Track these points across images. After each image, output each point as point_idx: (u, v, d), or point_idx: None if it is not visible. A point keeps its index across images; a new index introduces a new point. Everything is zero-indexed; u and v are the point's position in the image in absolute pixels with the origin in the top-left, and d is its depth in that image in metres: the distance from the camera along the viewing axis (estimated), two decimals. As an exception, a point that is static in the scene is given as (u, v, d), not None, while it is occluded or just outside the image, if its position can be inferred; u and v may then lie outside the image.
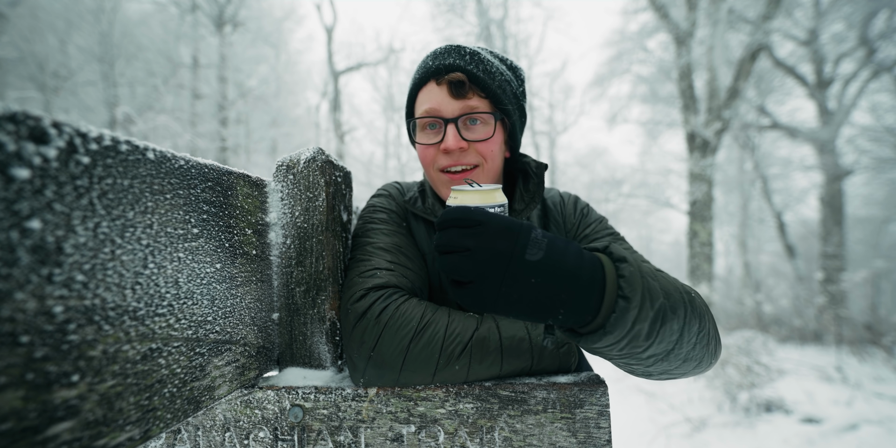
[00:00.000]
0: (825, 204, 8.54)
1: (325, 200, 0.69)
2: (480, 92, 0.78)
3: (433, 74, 0.79)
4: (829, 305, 7.05)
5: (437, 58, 0.79)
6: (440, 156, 0.80)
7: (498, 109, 0.80)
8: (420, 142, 0.82)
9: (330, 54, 13.66)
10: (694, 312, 0.55)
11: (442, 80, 0.78)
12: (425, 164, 0.83)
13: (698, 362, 0.60)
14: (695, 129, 7.79)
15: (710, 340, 0.60)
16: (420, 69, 0.81)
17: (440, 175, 0.81)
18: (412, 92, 0.84)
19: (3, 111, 0.28)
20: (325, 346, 0.68)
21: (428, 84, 0.80)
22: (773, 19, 7.23)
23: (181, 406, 0.46)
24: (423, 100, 0.80)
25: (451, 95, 0.77)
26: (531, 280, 0.45)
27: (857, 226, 13.20)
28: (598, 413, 0.60)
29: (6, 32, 9.73)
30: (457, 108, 0.77)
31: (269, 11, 15.37)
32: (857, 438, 3.24)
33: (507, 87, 0.81)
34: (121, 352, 0.38)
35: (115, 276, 0.37)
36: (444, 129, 0.77)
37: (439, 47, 0.82)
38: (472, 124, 0.79)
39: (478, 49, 0.81)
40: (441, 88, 0.78)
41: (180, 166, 0.47)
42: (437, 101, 0.78)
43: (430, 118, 0.79)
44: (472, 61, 0.78)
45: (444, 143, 0.77)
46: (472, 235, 0.47)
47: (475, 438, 0.61)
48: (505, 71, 0.82)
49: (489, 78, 0.78)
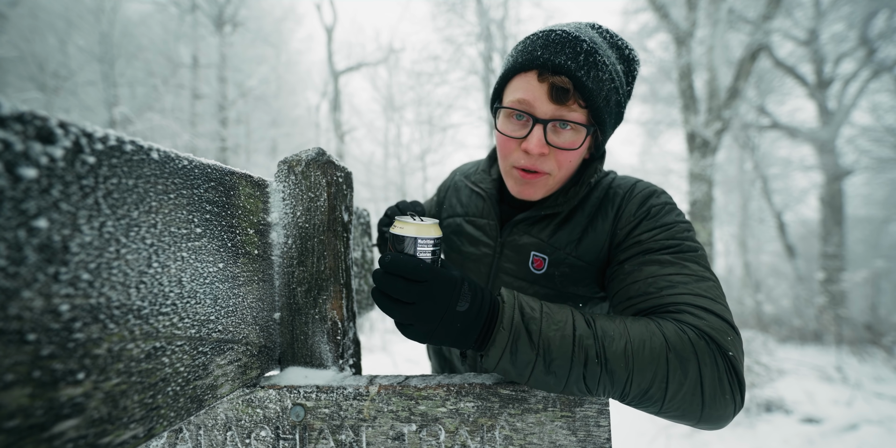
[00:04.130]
0: (825, 204, 8.55)
1: (326, 201, 0.69)
2: (582, 101, 0.70)
3: (538, 67, 0.70)
4: (829, 305, 7.05)
5: (547, 47, 0.70)
6: (519, 152, 0.75)
7: (594, 122, 0.73)
8: (503, 131, 0.76)
9: (330, 54, 13.66)
10: (600, 366, 0.54)
11: (545, 77, 0.70)
12: (502, 153, 0.79)
13: (679, 413, 0.56)
14: (695, 129, 7.79)
15: (674, 394, 0.54)
16: (526, 54, 0.72)
17: (512, 170, 0.78)
18: (508, 74, 0.75)
19: (10, 111, 0.28)
20: (327, 346, 0.68)
21: (528, 73, 0.72)
22: (773, 19, 7.24)
23: (184, 404, 0.46)
24: (518, 87, 0.73)
25: (549, 97, 0.70)
26: (457, 325, 0.55)
27: (857, 226, 13.21)
28: (598, 411, 0.60)
29: (6, 32, 9.73)
30: (551, 111, 0.71)
31: (269, 11, 15.37)
32: (857, 438, 3.24)
33: (613, 95, 0.72)
34: (125, 350, 0.38)
35: (120, 275, 0.38)
36: (532, 128, 0.72)
37: (554, 31, 0.71)
38: (563, 128, 0.73)
39: (596, 44, 0.70)
40: (541, 85, 0.70)
41: (184, 166, 0.47)
42: (532, 96, 0.71)
43: (520, 111, 0.73)
44: (586, 64, 0.68)
45: (527, 142, 0.72)
46: (418, 292, 0.54)
47: (476, 437, 0.61)
48: (618, 71, 0.73)
49: (597, 88, 0.69)
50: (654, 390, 0.54)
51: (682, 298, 0.63)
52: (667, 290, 0.65)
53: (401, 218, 0.63)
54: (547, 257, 0.83)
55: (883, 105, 8.86)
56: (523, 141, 0.74)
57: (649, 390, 0.55)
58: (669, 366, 0.54)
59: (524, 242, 0.85)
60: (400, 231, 0.60)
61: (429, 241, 0.60)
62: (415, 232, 0.59)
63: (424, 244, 0.59)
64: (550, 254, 0.83)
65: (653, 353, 0.54)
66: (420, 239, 0.59)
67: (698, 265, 0.68)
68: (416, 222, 0.61)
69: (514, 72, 0.74)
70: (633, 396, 0.56)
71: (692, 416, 0.56)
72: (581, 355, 0.54)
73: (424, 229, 0.60)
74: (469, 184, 0.99)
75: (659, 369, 0.54)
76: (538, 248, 0.84)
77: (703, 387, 0.55)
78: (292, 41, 17.54)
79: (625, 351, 0.54)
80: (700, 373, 0.55)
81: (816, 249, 9.46)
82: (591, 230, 0.82)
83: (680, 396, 0.54)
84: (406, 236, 0.59)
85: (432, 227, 0.61)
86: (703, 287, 0.64)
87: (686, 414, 0.56)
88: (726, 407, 0.56)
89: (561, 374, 0.54)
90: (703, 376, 0.55)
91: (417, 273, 0.54)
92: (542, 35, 0.72)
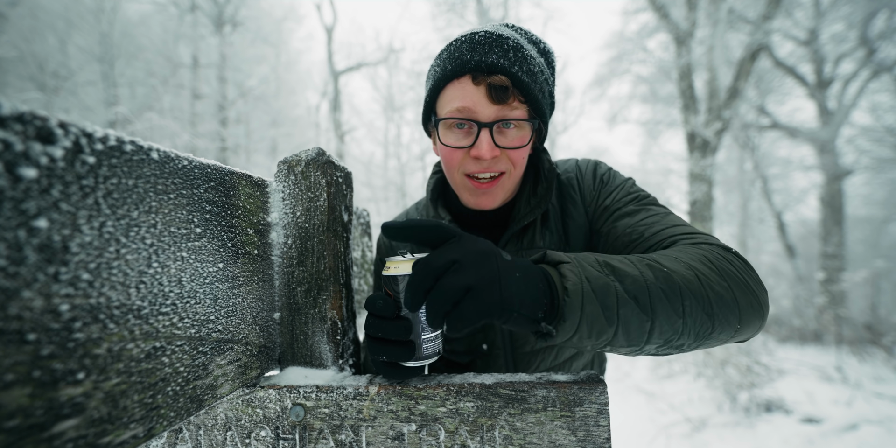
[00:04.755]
0: (825, 204, 8.55)
1: (326, 201, 0.69)
2: (521, 97, 0.70)
3: (472, 70, 0.68)
4: (829, 305, 7.05)
5: (475, 50, 0.68)
6: (468, 160, 0.73)
7: (535, 115, 0.73)
8: (447, 143, 0.73)
9: (330, 54, 13.67)
10: (672, 290, 0.54)
11: (481, 79, 0.68)
12: (449, 166, 0.76)
13: (721, 329, 0.56)
14: (695, 129, 7.79)
15: (717, 306, 0.55)
16: (454, 60, 0.70)
17: (465, 180, 0.75)
18: (439, 84, 0.72)
19: (10, 111, 0.28)
20: (326, 346, 0.68)
21: (461, 78, 0.70)
22: (773, 19, 7.24)
23: (184, 404, 0.46)
24: (454, 96, 0.71)
25: (489, 99, 0.69)
26: (516, 274, 0.49)
27: (857, 226, 13.20)
28: (598, 411, 0.60)
29: (6, 32, 9.73)
30: (494, 113, 0.70)
31: (269, 11, 15.38)
32: (857, 438, 3.24)
33: (546, 86, 0.73)
34: (125, 350, 0.38)
35: (119, 274, 0.38)
36: (477, 134, 0.70)
37: (477, 34, 0.70)
38: (506, 128, 0.72)
39: (518, 40, 0.70)
40: (478, 88, 0.69)
41: (184, 166, 0.47)
42: (472, 101, 0.69)
43: (462, 119, 0.71)
44: (517, 60, 0.68)
45: (476, 149, 0.70)
46: (454, 249, 0.50)
47: (476, 437, 0.61)
48: (542, 64, 0.74)
49: (532, 82, 0.70)
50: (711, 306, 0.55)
51: (665, 233, 0.69)
52: (647, 232, 0.70)
53: (391, 259, 0.63)
54: None
55: (883, 105, 8.86)
56: (471, 149, 0.71)
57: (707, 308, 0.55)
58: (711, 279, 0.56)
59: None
60: (395, 271, 0.59)
61: None
62: (407, 270, 0.59)
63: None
64: None
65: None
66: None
67: (657, 206, 0.76)
68: (409, 259, 0.61)
69: (445, 80, 0.71)
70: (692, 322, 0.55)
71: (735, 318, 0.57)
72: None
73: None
74: None
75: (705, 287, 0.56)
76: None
77: (741, 282, 0.58)
78: (292, 41, 17.54)
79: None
80: (735, 271, 0.59)
81: (816, 249, 9.46)
82: (570, 219, 0.83)
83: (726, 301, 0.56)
84: (399, 275, 0.59)
85: None
86: (673, 220, 0.72)
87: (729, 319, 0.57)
88: (762, 294, 0.60)
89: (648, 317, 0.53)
90: (739, 272, 0.59)
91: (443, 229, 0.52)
92: (466, 39, 0.71)
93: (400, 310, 0.60)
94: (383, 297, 0.60)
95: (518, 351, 0.83)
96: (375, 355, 0.60)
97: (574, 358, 0.87)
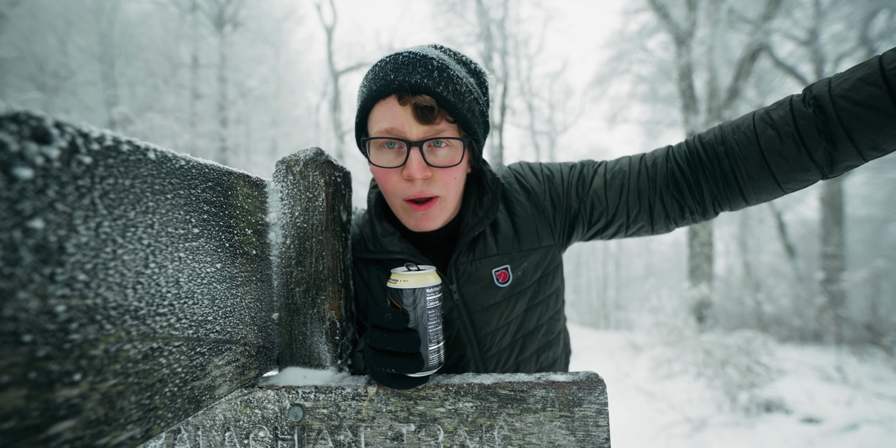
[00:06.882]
0: (825, 204, 8.54)
1: (324, 200, 0.69)
2: (449, 116, 0.70)
3: (396, 90, 0.68)
4: (829, 305, 7.05)
5: (399, 70, 0.69)
6: (402, 183, 0.73)
7: (466, 134, 0.73)
8: (378, 164, 0.73)
9: (330, 54, 13.66)
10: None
11: (406, 100, 0.68)
12: (385, 189, 0.76)
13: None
14: (695, 129, 7.79)
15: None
16: (379, 80, 0.70)
17: (405, 204, 0.75)
18: (367, 104, 0.72)
19: (5, 111, 0.28)
20: (325, 346, 0.68)
21: (387, 99, 0.70)
22: (773, 19, 7.24)
23: (182, 405, 0.46)
24: (382, 116, 0.70)
25: (416, 119, 0.69)
26: None
27: (857, 226, 13.20)
28: (597, 411, 0.60)
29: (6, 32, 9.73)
30: (422, 132, 0.70)
31: (269, 11, 15.37)
32: (857, 438, 3.24)
33: (475, 106, 0.74)
34: (122, 351, 0.38)
35: (116, 275, 0.38)
36: (408, 153, 0.70)
37: (401, 54, 0.71)
38: (437, 146, 0.72)
39: (444, 60, 0.71)
40: (404, 109, 0.69)
41: (181, 166, 0.47)
42: (399, 122, 0.69)
43: (391, 139, 0.70)
44: (442, 80, 0.69)
45: (407, 169, 0.70)
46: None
47: (475, 437, 0.61)
48: (472, 84, 0.75)
49: (459, 101, 0.70)
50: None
51: (662, 151, 0.84)
52: (644, 164, 0.84)
53: (397, 271, 0.63)
54: (507, 265, 0.83)
55: (883, 105, 8.83)
56: (402, 169, 0.71)
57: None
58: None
59: (478, 268, 0.82)
60: (403, 285, 0.61)
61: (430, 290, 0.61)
62: (416, 282, 0.60)
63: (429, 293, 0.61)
64: (509, 261, 0.83)
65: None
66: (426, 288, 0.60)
67: (601, 163, 0.88)
68: (415, 272, 0.62)
69: (372, 101, 0.71)
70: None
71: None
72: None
73: (423, 279, 0.61)
74: (369, 257, 0.84)
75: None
76: (495, 263, 0.82)
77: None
78: (292, 41, 17.53)
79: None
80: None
81: (816, 249, 9.46)
82: (519, 219, 0.86)
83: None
84: (405, 289, 0.60)
85: (429, 276, 0.62)
86: (652, 150, 0.85)
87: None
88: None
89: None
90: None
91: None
92: (390, 59, 0.71)
93: (408, 322, 0.61)
94: (391, 310, 0.61)
95: (485, 355, 0.84)
96: (381, 368, 0.60)
97: (540, 351, 0.88)
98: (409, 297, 0.60)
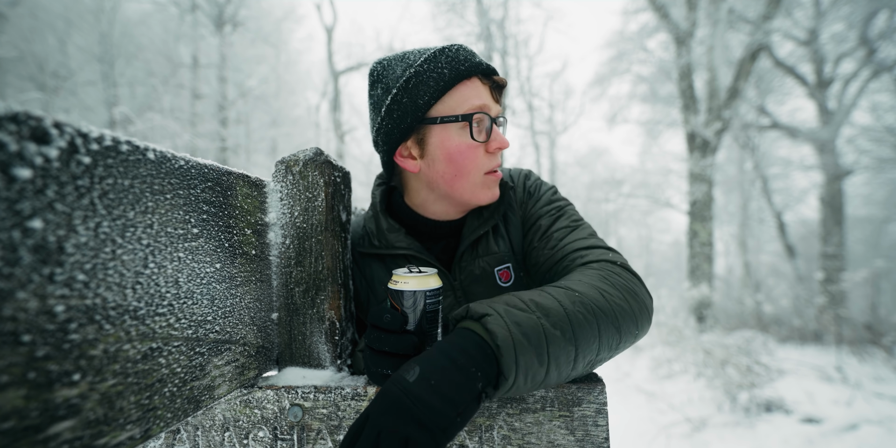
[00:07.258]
0: (825, 204, 8.54)
1: (324, 200, 0.69)
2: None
3: (480, 71, 0.75)
4: (829, 305, 7.05)
5: (474, 56, 0.76)
6: (486, 157, 0.77)
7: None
8: (478, 139, 0.75)
9: (330, 54, 13.66)
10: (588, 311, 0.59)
11: (487, 80, 0.77)
12: (470, 166, 0.76)
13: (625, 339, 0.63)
14: (695, 129, 7.79)
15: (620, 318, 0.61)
16: (457, 65, 0.73)
17: (485, 178, 0.78)
18: (449, 84, 0.73)
19: (4, 111, 0.28)
20: (325, 346, 0.68)
21: (471, 79, 0.75)
22: (773, 19, 7.23)
23: (181, 405, 0.46)
24: (468, 95, 0.74)
25: (493, 97, 0.78)
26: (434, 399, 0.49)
27: (857, 226, 13.20)
28: (596, 411, 0.60)
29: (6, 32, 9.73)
30: (498, 110, 0.79)
31: (269, 11, 15.37)
32: (857, 438, 3.24)
33: None
34: (121, 351, 0.38)
35: (115, 275, 0.38)
36: (490, 128, 0.76)
37: (462, 47, 0.76)
38: (502, 124, 0.82)
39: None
40: (485, 87, 0.76)
41: (180, 166, 0.47)
42: (485, 99, 0.76)
43: (485, 114, 0.75)
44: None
45: (496, 142, 0.76)
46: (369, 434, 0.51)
47: (474, 437, 0.61)
48: None
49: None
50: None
51: (568, 248, 0.77)
52: (558, 245, 0.80)
53: (398, 272, 0.63)
54: (510, 264, 0.84)
55: (883, 105, 8.85)
56: (486, 144, 0.77)
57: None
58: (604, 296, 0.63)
59: (482, 267, 0.83)
60: (403, 286, 0.61)
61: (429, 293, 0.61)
62: (417, 285, 0.60)
63: (429, 296, 0.61)
64: (510, 259, 0.84)
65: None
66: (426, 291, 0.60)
67: (567, 218, 0.84)
68: (415, 274, 0.62)
69: (455, 81, 0.73)
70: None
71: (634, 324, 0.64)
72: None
73: (424, 281, 0.61)
74: (374, 252, 0.84)
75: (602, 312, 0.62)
76: (498, 261, 0.83)
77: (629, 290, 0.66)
78: (292, 41, 17.53)
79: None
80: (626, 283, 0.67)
81: (816, 249, 9.45)
82: (510, 225, 0.88)
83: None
84: (406, 291, 0.60)
85: (430, 279, 0.62)
86: (578, 234, 0.81)
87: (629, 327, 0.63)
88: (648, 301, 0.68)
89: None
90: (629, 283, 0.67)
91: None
92: (449, 51, 0.75)
93: (407, 324, 0.61)
94: (390, 310, 0.61)
95: None
96: (378, 368, 0.59)
97: None
98: (410, 299, 0.60)
